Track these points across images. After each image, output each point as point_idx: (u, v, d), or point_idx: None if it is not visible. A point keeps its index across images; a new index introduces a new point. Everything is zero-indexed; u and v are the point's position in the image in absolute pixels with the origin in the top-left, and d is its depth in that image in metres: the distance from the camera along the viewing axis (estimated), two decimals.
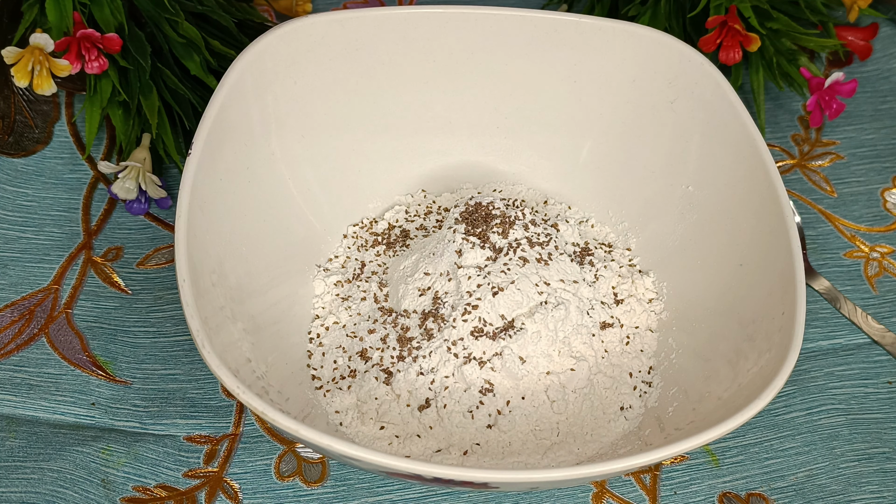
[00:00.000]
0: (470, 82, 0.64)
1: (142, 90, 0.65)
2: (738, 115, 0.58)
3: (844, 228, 0.68)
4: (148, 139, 0.66)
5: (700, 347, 0.57)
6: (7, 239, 0.65)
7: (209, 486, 0.56)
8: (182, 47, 0.66)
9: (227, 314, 0.52)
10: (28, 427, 0.58)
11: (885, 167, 0.71)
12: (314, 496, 0.56)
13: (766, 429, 0.59)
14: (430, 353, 0.55)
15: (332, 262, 0.62)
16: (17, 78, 0.62)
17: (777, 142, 0.73)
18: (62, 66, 0.62)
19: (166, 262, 0.65)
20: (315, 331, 0.59)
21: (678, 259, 0.61)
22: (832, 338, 0.63)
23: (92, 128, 0.66)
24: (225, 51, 0.67)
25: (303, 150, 0.62)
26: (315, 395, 0.56)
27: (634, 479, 0.57)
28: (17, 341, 0.61)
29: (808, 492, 0.57)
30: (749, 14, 0.68)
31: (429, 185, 0.66)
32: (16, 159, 0.69)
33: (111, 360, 0.61)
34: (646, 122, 0.63)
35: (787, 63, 0.71)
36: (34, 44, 0.61)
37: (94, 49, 0.62)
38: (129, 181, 0.64)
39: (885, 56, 0.77)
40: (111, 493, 0.55)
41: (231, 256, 0.55)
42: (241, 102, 0.58)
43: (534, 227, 0.59)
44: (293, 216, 0.61)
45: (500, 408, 0.54)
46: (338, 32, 0.61)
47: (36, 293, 0.63)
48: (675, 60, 0.61)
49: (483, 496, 0.56)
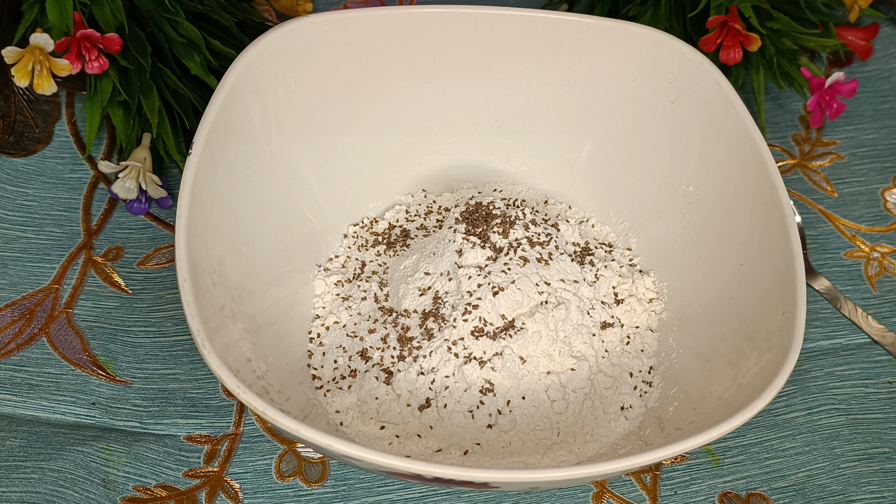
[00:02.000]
0: (470, 82, 0.64)
1: (142, 90, 0.65)
2: (739, 114, 0.58)
3: (845, 228, 0.68)
4: (148, 139, 0.66)
5: (700, 347, 0.57)
6: (7, 238, 0.65)
7: (209, 485, 0.56)
8: (182, 47, 0.66)
9: (227, 314, 0.52)
10: (28, 427, 0.58)
11: (885, 167, 0.71)
12: (314, 496, 0.56)
13: (767, 429, 0.59)
14: (431, 353, 0.55)
15: (332, 261, 0.62)
16: (17, 78, 0.62)
17: (777, 142, 0.73)
18: (62, 65, 0.62)
19: (167, 261, 0.65)
20: (315, 330, 0.59)
21: (679, 259, 0.61)
22: (832, 338, 0.63)
23: (92, 127, 0.66)
24: (225, 50, 0.67)
25: (303, 149, 0.62)
26: (315, 394, 0.56)
27: (635, 478, 0.57)
28: (17, 341, 0.61)
29: (809, 492, 0.57)
30: (749, 14, 0.68)
31: (429, 185, 0.66)
32: (16, 159, 0.69)
33: (111, 359, 0.61)
34: (646, 122, 0.63)
35: (787, 63, 0.71)
36: (34, 43, 0.61)
37: (94, 49, 0.62)
38: (130, 181, 0.64)
39: (885, 56, 0.77)
40: (111, 492, 0.55)
41: (231, 256, 0.55)
42: (242, 102, 0.58)
43: (534, 227, 0.59)
44: (293, 216, 0.61)
45: (501, 407, 0.54)
46: (338, 32, 0.61)
47: (36, 293, 0.63)
48: (675, 60, 0.61)
49: (483, 496, 0.56)
